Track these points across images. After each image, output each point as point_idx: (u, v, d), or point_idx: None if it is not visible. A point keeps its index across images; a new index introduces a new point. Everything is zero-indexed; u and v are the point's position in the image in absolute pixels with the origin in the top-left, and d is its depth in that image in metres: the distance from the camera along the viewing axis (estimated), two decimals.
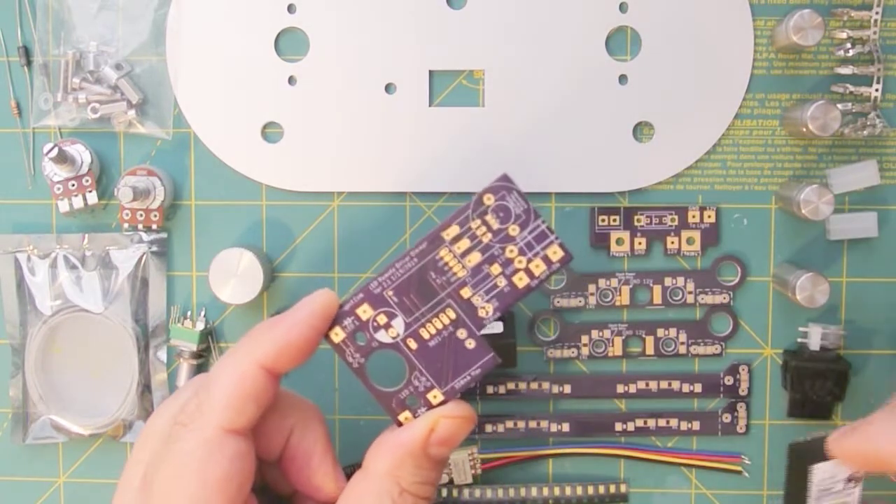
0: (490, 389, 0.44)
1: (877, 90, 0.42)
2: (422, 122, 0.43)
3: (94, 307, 0.44)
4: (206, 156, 0.44)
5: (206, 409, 0.31)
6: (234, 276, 0.42)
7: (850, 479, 0.34)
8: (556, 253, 0.33)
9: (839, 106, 0.41)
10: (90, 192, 0.43)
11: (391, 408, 0.34)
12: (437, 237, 0.33)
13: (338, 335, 0.34)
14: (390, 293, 0.33)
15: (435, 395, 0.33)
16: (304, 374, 0.44)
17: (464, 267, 0.33)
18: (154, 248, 0.44)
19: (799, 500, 0.35)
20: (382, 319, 0.33)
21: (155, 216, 0.43)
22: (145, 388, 0.44)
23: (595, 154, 0.43)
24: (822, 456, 0.34)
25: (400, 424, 0.34)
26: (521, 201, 0.33)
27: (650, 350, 0.44)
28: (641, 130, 0.43)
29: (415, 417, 0.33)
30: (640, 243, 0.43)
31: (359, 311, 0.33)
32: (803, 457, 0.37)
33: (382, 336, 0.33)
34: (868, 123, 0.42)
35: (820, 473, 0.34)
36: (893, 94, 0.43)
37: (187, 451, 0.31)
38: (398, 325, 0.33)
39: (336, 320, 0.33)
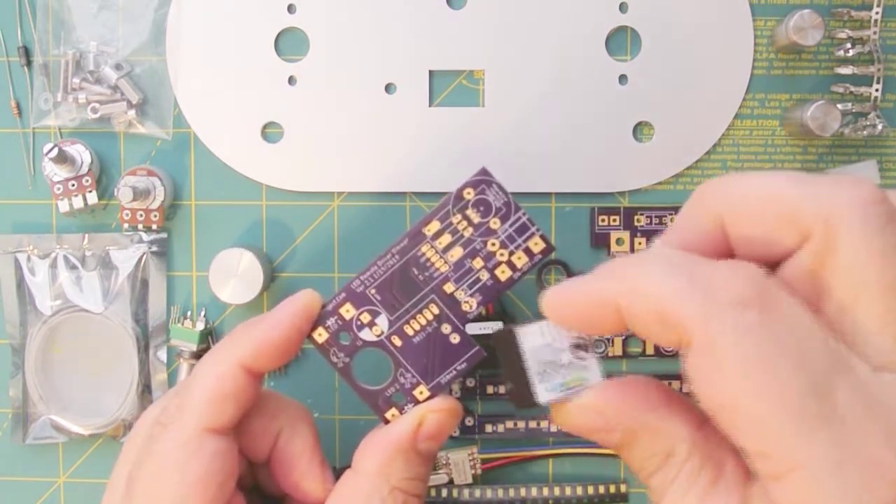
0: (490, 389, 0.44)
1: (877, 90, 0.42)
2: (422, 122, 0.43)
3: (94, 307, 0.44)
4: (206, 156, 0.44)
5: (185, 408, 0.32)
6: (234, 276, 0.42)
7: (577, 347, 0.27)
8: (537, 244, 0.33)
9: (839, 106, 0.41)
10: (90, 192, 0.43)
11: (377, 406, 0.34)
12: (419, 233, 0.33)
13: (321, 335, 0.33)
14: (373, 291, 0.33)
15: (421, 391, 0.33)
16: (304, 374, 0.44)
17: (446, 262, 0.33)
18: (154, 248, 0.44)
19: (524, 388, 0.27)
20: (366, 318, 0.33)
21: (155, 216, 0.43)
22: (145, 388, 0.44)
23: (595, 154, 0.43)
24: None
25: (387, 422, 0.34)
26: (501, 194, 0.33)
27: (650, 350, 0.44)
28: (641, 130, 0.43)
29: (402, 414, 0.33)
30: (640, 243, 0.43)
31: (342, 310, 0.33)
32: (513, 335, 0.28)
33: (366, 334, 0.33)
34: (868, 123, 0.42)
35: (530, 341, 0.27)
36: (893, 94, 0.43)
37: (167, 451, 0.31)
38: (382, 322, 0.33)
39: (319, 320, 0.33)
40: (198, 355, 0.44)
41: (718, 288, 0.21)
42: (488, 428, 0.44)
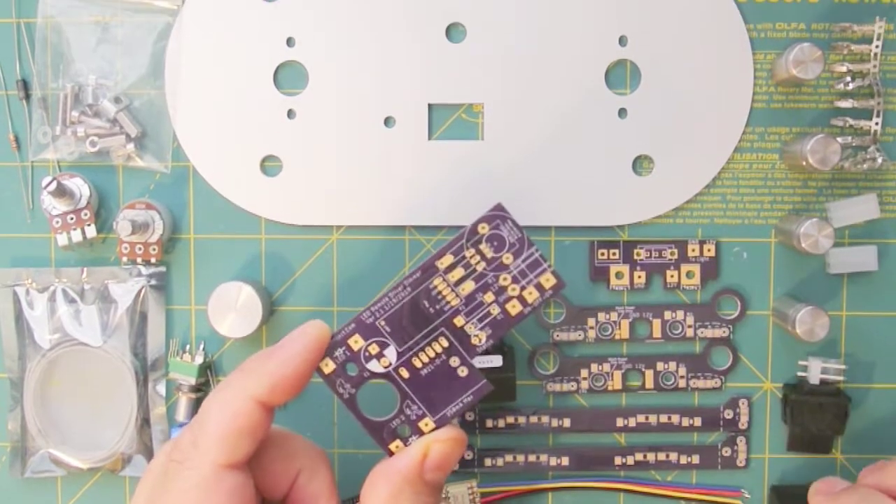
0: (489, 423, 0.43)
1: (877, 124, 0.42)
2: (421, 155, 0.43)
3: (93, 341, 0.44)
4: (204, 189, 0.44)
5: (200, 445, 0.31)
6: (233, 310, 0.42)
7: None
8: (548, 280, 0.33)
9: (839, 139, 0.41)
10: (89, 225, 0.43)
11: (382, 438, 0.34)
12: (431, 266, 0.33)
13: (328, 366, 0.33)
14: (382, 322, 0.33)
15: (426, 424, 0.33)
16: (303, 407, 0.44)
17: (457, 295, 0.33)
18: (153, 282, 0.44)
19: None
20: (374, 349, 0.33)
21: (154, 250, 0.43)
22: (144, 421, 0.44)
23: (594, 187, 0.43)
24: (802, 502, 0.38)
25: (391, 454, 0.34)
26: (515, 230, 0.33)
27: (650, 384, 0.43)
28: (641, 164, 0.43)
29: (406, 446, 0.33)
30: (639, 277, 0.43)
31: (350, 341, 0.33)
32: (785, 500, 0.42)
33: (374, 366, 0.33)
34: (868, 157, 0.42)
35: None
36: (893, 128, 0.43)
37: (185, 489, 0.31)
38: (390, 354, 0.33)
39: (326, 351, 0.33)
40: (197, 389, 0.44)
41: None
42: (487, 461, 0.44)
